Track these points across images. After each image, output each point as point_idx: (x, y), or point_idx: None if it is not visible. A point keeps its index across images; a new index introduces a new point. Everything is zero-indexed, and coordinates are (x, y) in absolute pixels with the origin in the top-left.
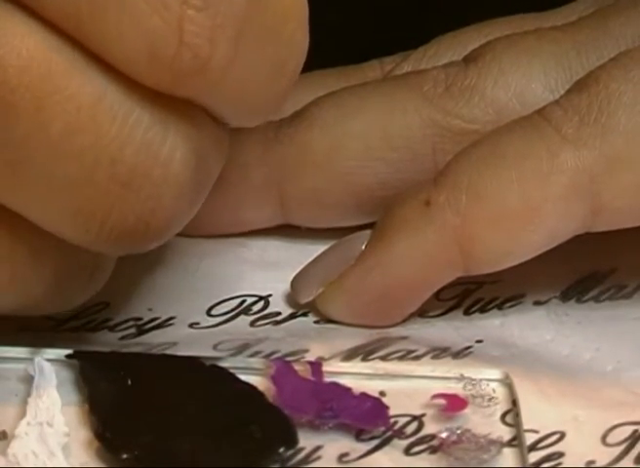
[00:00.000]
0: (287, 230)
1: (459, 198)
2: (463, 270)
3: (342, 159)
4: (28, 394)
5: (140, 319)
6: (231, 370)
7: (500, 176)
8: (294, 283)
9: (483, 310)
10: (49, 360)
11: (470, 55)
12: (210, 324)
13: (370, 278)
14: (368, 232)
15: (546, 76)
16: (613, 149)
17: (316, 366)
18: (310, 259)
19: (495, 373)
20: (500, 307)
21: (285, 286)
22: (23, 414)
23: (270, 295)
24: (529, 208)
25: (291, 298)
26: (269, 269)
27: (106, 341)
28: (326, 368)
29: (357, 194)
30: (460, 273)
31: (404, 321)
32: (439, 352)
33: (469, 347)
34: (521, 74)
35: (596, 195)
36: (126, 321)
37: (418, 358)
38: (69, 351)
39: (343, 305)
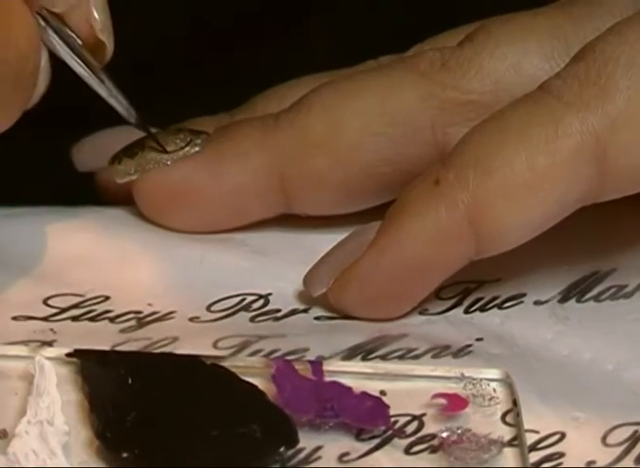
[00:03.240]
0: (288, 229)
1: (467, 174)
2: (476, 249)
3: (343, 138)
4: (29, 392)
5: (140, 312)
6: (232, 370)
7: (506, 148)
8: (306, 277)
9: (483, 309)
10: (49, 358)
11: (465, 38)
12: (210, 318)
13: (382, 260)
14: (378, 223)
15: (542, 47)
16: (615, 108)
17: (317, 365)
18: (314, 258)
19: (495, 373)
20: (500, 307)
21: (285, 284)
22: (24, 413)
23: (270, 294)
24: (537, 175)
25: (291, 296)
26: (270, 268)
27: (107, 333)
28: (326, 367)
29: (359, 173)
30: (473, 253)
31: (404, 318)
32: (439, 350)
33: (469, 345)
34: (517, 46)
35: (602, 156)
36: (126, 313)
37: (418, 357)
38: (70, 350)
39: (357, 292)
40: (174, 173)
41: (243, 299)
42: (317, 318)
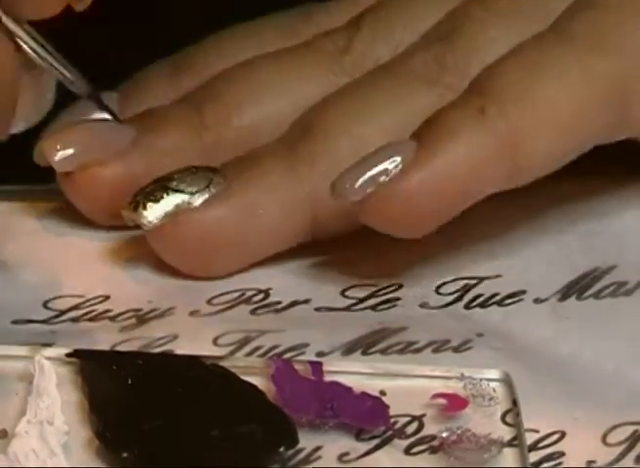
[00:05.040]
0: None
1: (509, 107)
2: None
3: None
4: (29, 393)
5: (140, 310)
6: (231, 370)
7: (546, 86)
8: (337, 181)
9: (483, 306)
10: (49, 358)
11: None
12: (210, 311)
13: (429, 178)
14: (412, 142)
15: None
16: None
17: (316, 365)
18: (314, 249)
19: (495, 373)
20: (500, 304)
21: (285, 278)
22: (24, 413)
23: (270, 288)
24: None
25: (292, 288)
26: (269, 262)
27: (107, 332)
28: (326, 367)
29: None
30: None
31: (404, 310)
32: (440, 345)
33: (470, 340)
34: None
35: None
36: (126, 311)
37: (418, 351)
38: (70, 350)
39: (395, 210)
40: (209, 213)
41: (243, 294)
42: (318, 309)
